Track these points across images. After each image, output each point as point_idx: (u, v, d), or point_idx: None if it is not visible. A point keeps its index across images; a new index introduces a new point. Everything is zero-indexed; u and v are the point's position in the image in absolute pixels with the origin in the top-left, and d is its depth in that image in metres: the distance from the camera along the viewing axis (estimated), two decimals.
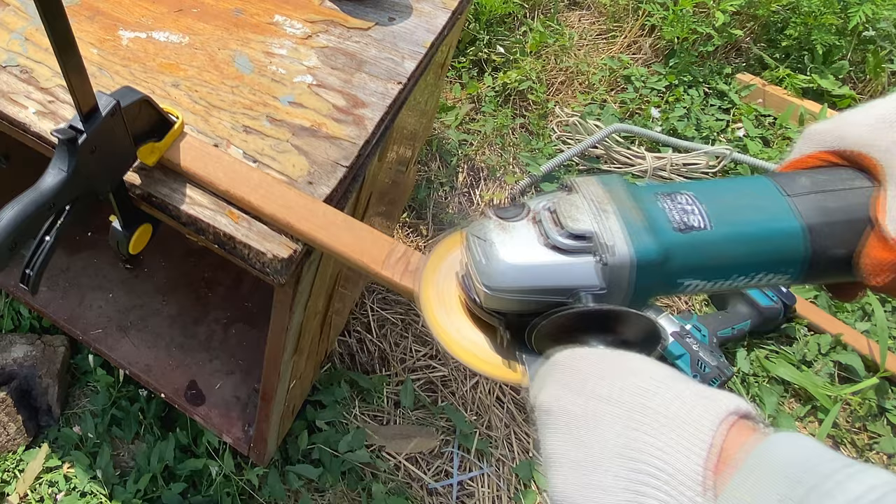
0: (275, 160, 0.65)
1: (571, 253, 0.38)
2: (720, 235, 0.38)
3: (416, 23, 0.83)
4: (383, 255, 0.54)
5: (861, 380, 1.28)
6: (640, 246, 0.37)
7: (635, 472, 0.30)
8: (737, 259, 0.39)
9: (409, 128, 0.99)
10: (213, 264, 1.17)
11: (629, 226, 0.37)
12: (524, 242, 0.39)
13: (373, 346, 1.31)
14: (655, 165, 1.58)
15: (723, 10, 1.75)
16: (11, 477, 1.13)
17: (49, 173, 0.52)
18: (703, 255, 0.38)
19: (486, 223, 0.41)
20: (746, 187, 0.40)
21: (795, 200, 0.39)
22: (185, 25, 0.79)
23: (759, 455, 0.29)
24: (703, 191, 0.40)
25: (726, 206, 0.39)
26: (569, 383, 0.35)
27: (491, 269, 0.39)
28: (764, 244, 0.38)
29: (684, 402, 0.31)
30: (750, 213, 0.39)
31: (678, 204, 0.39)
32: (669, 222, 0.38)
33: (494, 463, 1.19)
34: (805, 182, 0.39)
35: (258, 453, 0.99)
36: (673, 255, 0.37)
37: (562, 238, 0.38)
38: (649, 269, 0.37)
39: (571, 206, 0.39)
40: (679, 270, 0.38)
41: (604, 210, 0.38)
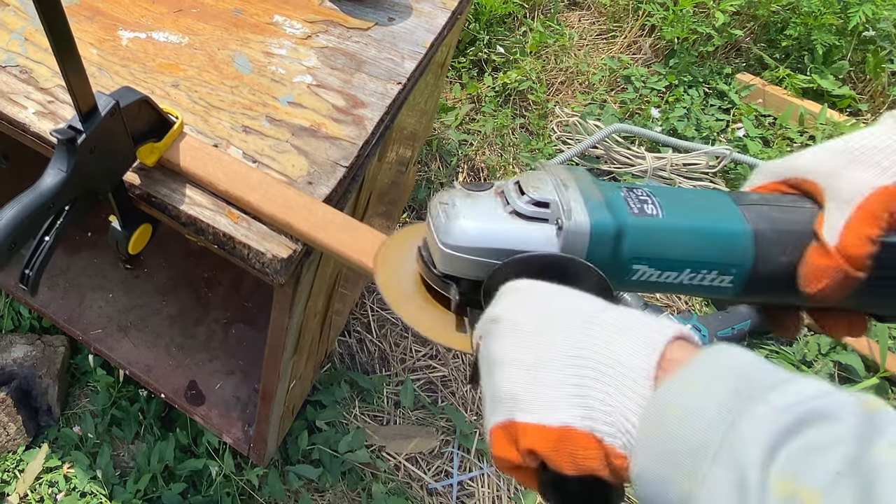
0: (274, 160, 0.65)
1: (531, 219, 0.39)
2: (672, 224, 0.40)
3: (416, 23, 0.83)
4: None
5: (861, 380, 1.28)
6: (597, 217, 0.38)
7: (582, 367, 0.31)
8: (686, 251, 0.40)
9: (408, 128, 0.99)
10: (213, 264, 1.17)
11: (588, 200, 0.39)
12: (486, 208, 0.41)
13: (373, 346, 1.31)
14: (655, 165, 1.58)
15: (723, 10, 1.75)
16: (11, 477, 1.13)
17: (48, 173, 0.52)
18: (655, 240, 0.40)
19: (451, 191, 0.43)
20: (701, 193, 0.43)
21: (744, 208, 0.41)
22: (185, 25, 0.79)
23: (702, 358, 0.30)
24: (661, 189, 0.42)
25: (680, 202, 0.41)
26: (520, 298, 0.36)
27: (451, 227, 0.40)
28: (713, 239, 0.40)
29: (634, 317, 0.33)
30: (702, 211, 0.41)
31: (635, 194, 0.41)
32: (626, 205, 0.40)
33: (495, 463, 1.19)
34: (755, 197, 0.42)
35: (258, 453, 0.99)
36: (626, 235, 0.39)
37: (522, 203, 0.40)
38: (603, 242, 0.39)
39: (535, 178, 0.41)
40: (631, 253, 0.40)
41: (565, 184, 0.40)
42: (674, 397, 0.29)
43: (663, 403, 0.29)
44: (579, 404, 0.31)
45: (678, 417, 0.28)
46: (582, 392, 0.31)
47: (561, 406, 0.31)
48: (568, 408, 0.31)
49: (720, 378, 0.28)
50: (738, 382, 0.28)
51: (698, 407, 0.28)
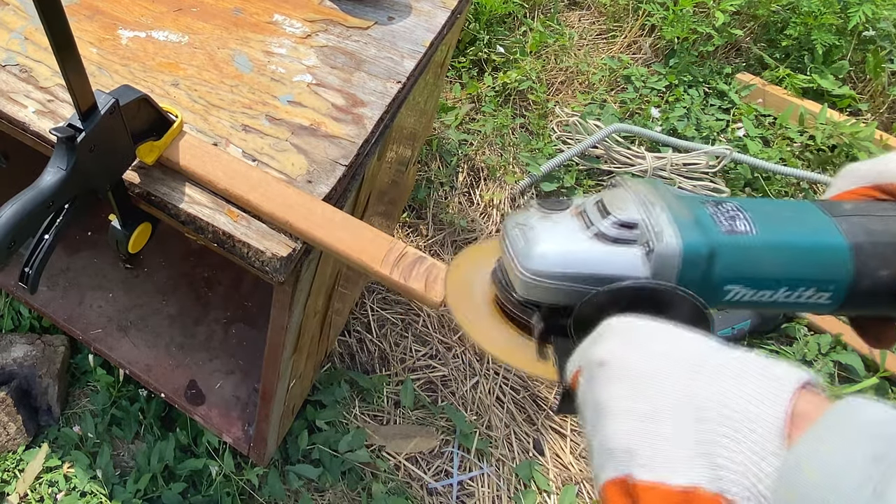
0: (274, 159, 0.65)
1: (617, 242, 0.37)
2: (766, 241, 0.37)
3: (416, 22, 0.83)
4: (382, 254, 0.54)
5: (861, 380, 1.28)
6: (688, 238, 0.36)
7: (705, 420, 0.28)
8: (782, 268, 0.38)
9: (408, 127, 0.99)
10: (213, 264, 1.17)
11: (677, 219, 0.36)
12: (567, 230, 0.38)
13: (373, 346, 1.31)
14: (655, 165, 1.58)
15: (723, 10, 1.75)
16: (11, 477, 1.13)
17: (48, 172, 0.52)
18: (749, 259, 0.37)
19: (528, 212, 0.40)
20: (791, 204, 0.40)
21: (838, 220, 0.38)
22: (185, 24, 0.79)
23: (837, 414, 0.27)
24: (748, 203, 0.39)
25: (771, 217, 0.38)
26: (625, 340, 0.33)
27: (532, 252, 0.38)
28: (810, 255, 0.38)
29: (754, 362, 0.30)
30: (795, 226, 0.38)
31: (723, 209, 0.38)
32: (716, 224, 0.37)
33: (494, 463, 1.19)
34: (847, 206, 0.39)
35: (258, 453, 0.99)
36: (719, 255, 0.37)
37: (607, 225, 0.37)
38: (695, 264, 0.36)
39: (618, 198, 0.38)
40: (724, 273, 0.37)
41: (651, 203, 0.37)
42: (810, 462, 0.26)
43: (799, 468, 0.26)
44: (706, 463, 0.28)
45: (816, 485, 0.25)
46: (707, 449, 0.28)
47: (685, 464, 0.28)
48: (694, 466, 0.28)
49: (859, 440, 0.26)
50: (879, 445, 0.25)
51: (838, 474, 0.25)
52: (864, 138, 1.56)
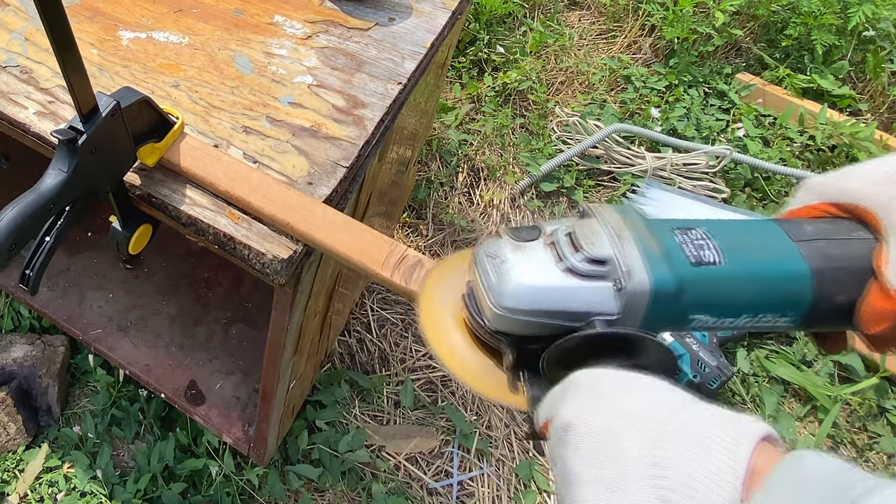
0: (275, 161, 0.65)
1: (587, 277, 0.37)
2: (732, 272, 0.38)
3: (416, 23, 0.83)
4: (383, 256, 0.54)
5: (861, 380, 1.28)
6: (658, 274, 0.37)
7: (665, 489, 0.30)
8: (746, 297, 0.39)
9: (409, 128, 0.99)
10: (213, 264, 1.17)
11: (647, 253, 0.37)
12: (539, 264, 0.38)
13: (373, 346, 1.31)
14: (655, 165, 1.58)
15: (723, 10, 1.75)
16: (11, 477, 1.13)
17: (49, 174, 0.52)
18: (715, 290, 0.38)
19: (499, 242, 0.40)
20: (756, 228, 0.41)
21: (801, 245, 0.39)
22: (185, 26, 0.79)
23: (786, 469, 0.28)
24: (715, 228, 0.40)
25: (738, 244, 0.39)
26: (590, 400, 0.34)
27: (503, 288, 0.38)
28: (773, 284, 0.38)
29: (715, 423, 0.31)
30: (760, 254, 0.39)
31: (690, 237, 0.39)
32: (685, 255, 0.38)
33: (494, 463, 1.19)
34: (809, 229, 0.40)
35: (258, 453, 1.00)
36: (687, 288, 0.37)
37: (579, 262, 0.37)
38: (664, 299, 0.37)
39: (589, 231, 0.38)
40: (691, 304, 0.38)
41: (621, 237, 0.38)
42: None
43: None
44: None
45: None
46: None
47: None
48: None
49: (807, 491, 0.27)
50: (825, 493, 0.27)
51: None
52: (864, 138, 1.56)
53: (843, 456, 1.24)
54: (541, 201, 1.57)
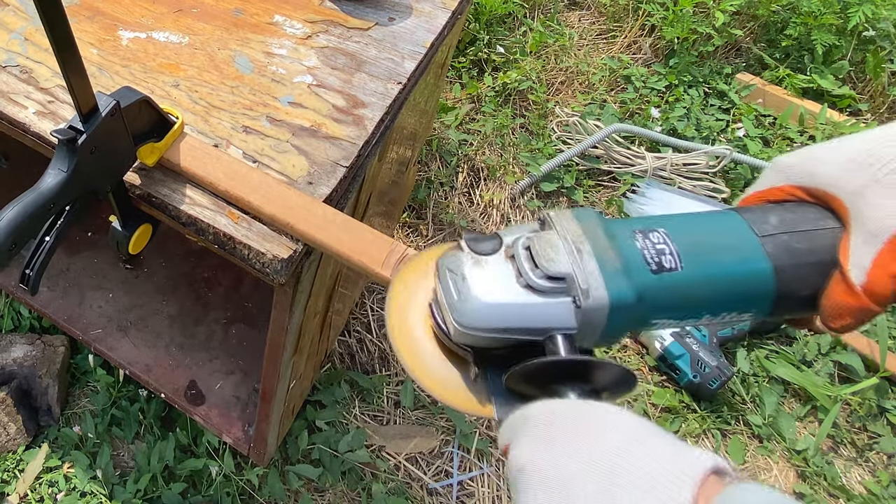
0: (274, 160, 0.65)
1: (546, 293, 0.38)
2: (692, 276, 0.38)
3: (416, 23, 0.83)
4: (383, 256, 0.54)
5: (861, 380, 1.28)
6: (616, 289, 0.37)
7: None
8: (707, 299, 0.39)
9: (409, 128, 0.99)
10: (213, 264, 1.17)
11: (604, 267, 0.37)
12: (499, 280, 0.39)
13: (373, 346, 1.31)
14: (655, 165, 1.58)
15: (723, 10, 1.75)
16: (11, 477, 1.13)
17: (49, 174, 0.52)
18: (675, 295, 0.38)
19: (459, 256, 0.40)
20: (719, 225, 0.40)
21: (765, 241, 0.39)
22: (185, 25, 0.79)
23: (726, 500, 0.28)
24: (677, 227, 0.40)
25: (699, 246, 0.39)
26: (542, 440, 0.34)
27: (464, 307, 0.39)
28: (734, 285, 0.39)
29: (660, 462, 0.31)
30: (722, 254, 0.39)
31: (652, 243, 0.39)
32: (644, 262, 0.38)
33: (494, 463, 1.19)
34: (774, 221, 0.40)
35: (258, 453, 0.99)
36: (647, 296, 0.38)
37: (537, 279, 0.38)
38: (623, 311, 0.37)
39: (547, 246, 0.38)
40: (651, 310, 0.38)
41: (579, 250, 0.38)
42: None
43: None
44: None
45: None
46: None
47: None
48: None
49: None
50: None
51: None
52: None
53: (843, 456, 1.24)
54: (541, 201, 1.57)
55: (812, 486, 1.19)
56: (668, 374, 1.29)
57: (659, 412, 1.25)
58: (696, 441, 1.23)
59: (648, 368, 1.32)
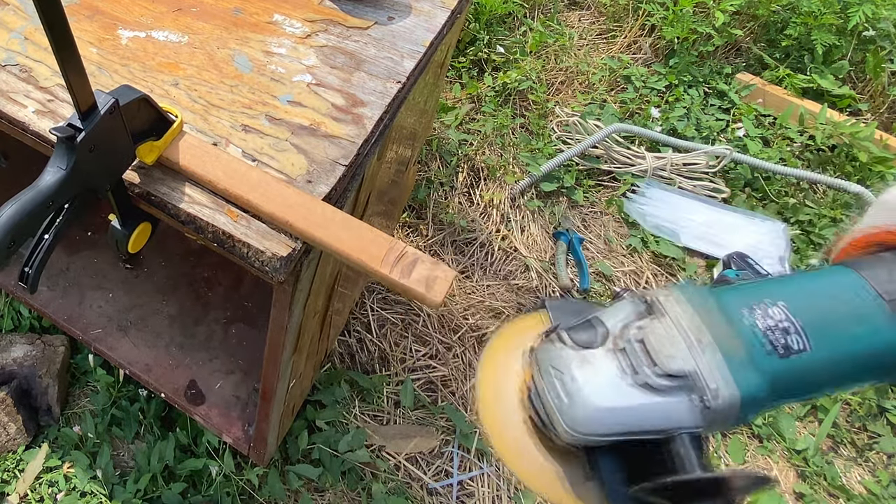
0: (274, 159, 0.65)
1: (666, 392, 0.35)
2: (823, 357, 0.35)
3: (416, 22, 0.83)
4: (382, 254, 0.54)
5: None
6: (745, 383, 0.34)
7: None
8: (839, 377, 0.36)
9: (408, 127, 0.99)
10: (213, 264, 1.17)
11: (730, 361, 0.34)
12: (610, 380, 0.36)
13: (373, 346, 1.31)
14: (655, 165, 1.58)
15: (723, 10, 1.75)
16: (11, 477, 1.13)
17: (48, 171, 0.52)
18: (806, 378, 0.36)
19: (562, 353, 0.37)
20: (840, 289, 0.37)
21: (894, 304, 0.36)
22: (185, 24, 0.79)
23: None
24: (796, 298, 0.37)
25: (824, 320, 0.36)
26: None
27: (576, 413, 0.36)
28: (867, 359, 0.36)
29: None
30: (851, 326, 0.36)
31: (774, 321, 0.36)
32: (771, 347, 0.35)
33: (494, 463, 1.19)
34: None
35: (258, 453, 0.99)
36: (776, 384, 0.35)
37: (658, 378, 0.35)
38: (754, 405, 0.35)
39: (665, 339, 0.35)
40: (780, 395, 0.36)
41: (700, 341, 0.35)
42: None
43: None
44: None
45: None
46: None
47: None
48: None
49: None
50: None
51: None
52: (864, 138, 1.56)
53: (843, 456, 1.23)
54: (541, 201, 1.57)
55: (812, 486, 1.18)
56: None
57: None
58: None
59: None
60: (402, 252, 0.54)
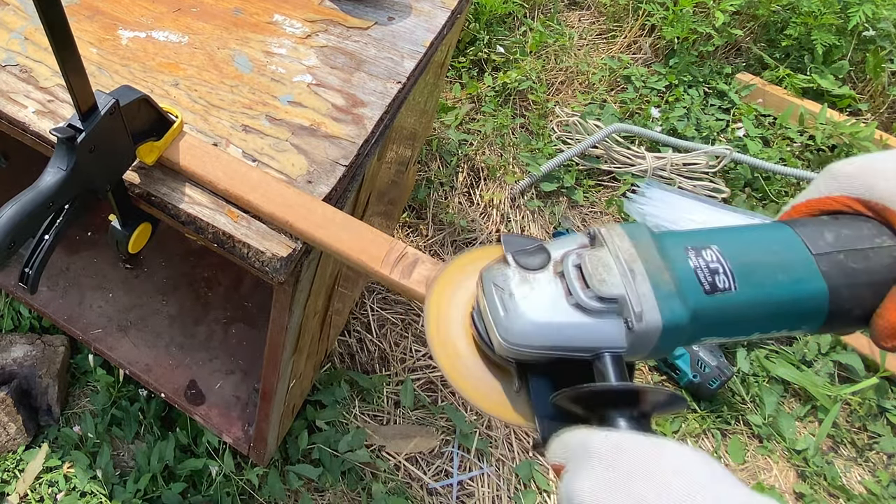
0: (274, 159, 0.65)
1: (597, 313, 0.37)
2: (746, 297, 0.37)
3: (416, 22, 0.83)
4: (382, 254, 0.54)
5: (861, 380, 1.28)
6: (669, 312, 0.36)
7: None
8: (759, 318, 0.38)
9: (408, 127, 0.99)
10: (213, 264, 1.17)
11: (658, 289, 0.36)
12: (548, 299, 0.38)
13: (373, 346, 1.31)
14: (655, 165, 1.58)
15: (723, 10, 1.75)
16: (11, 477, 1.13)
17: (48, 172, 0.52)
18: (728, 315, 0.38)
19: (506, 271, 0.40)
20: (772, 241, 0.39)
21: (820, 259, 0.38)
22: (185, 25, 0.79)
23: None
24: (730, 244, 0.39)
25: (753, 265, 0.38)
26: (605, 483, 0.33)
27: (511, 324, 0.38)
28: (788, 305, 0.38)
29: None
30: (776, 273, 0.38)
31: (706, 261, 0.38)
32: (698, 282, 0.37)
33: (494, 463, 1.19)
34: (830, 238, 0.39)
35: (258, 453, 0.99)
36: (699, 317, 0.37)
37: (589, 300, 0.37)
38: (675, 331, 0.37)
39: (600, 265, 0.37)
40: (702, 329, 0.38)
41: (632, 270, 0.37)
42: None
43: None
44: None
45: None
46: None
47: None
48: None
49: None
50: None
51: None
52: (864, 138, 1.56)
53: (843, 456, 1.23)
54: (541, 201, 1.57)
55: (812, 486, 1.18)
56: (668, 373, 1.29)
57: None
58: (695, 441, 1.23)
59: (648, 368, 1.32)
60: (402, 252, 0.54)
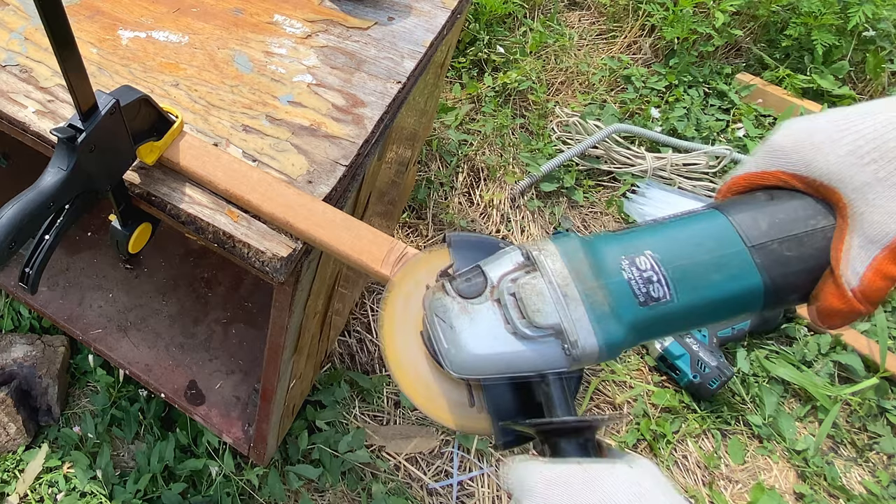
0: (274, 159, 0.65)
1: (536, 340, 0.38)
2: (681, 304, 0.38)
3: (416, 22, 0.83)
4: (382, 254, 0.54)
5: (861, 380, 1.28)
6: (605, 333, 0.37)
7: None
8: (697, 318, 0.39)
9: (408, 127, 0.99)
10: (213, 264, 1.17)
11: (593, 311, 0.37)
12: (487, 329, 0.39)
13: (373, 346, 1.31)
14: (655, 165, 1.58)
15: (723, 10, 1.75)
16: (11, 477, 1.13)
17: (48, 172, 0.52)
18: (667, 323, 0.39)
19: (446, 303, 0.40)
20: (707, 236, 0.39)
21: (755, 251, 0.38)
22: (185, 25, 0.79)
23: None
24: (664, 247, 0.39)
25: (688, 267, 0.38)
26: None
27: (455, 357, 0.39)
28: (724, 303, 0.38)
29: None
30: (712, 274, 0.38)
31: (639, 270, 0.38)
32: (633, 296, 0.38)
33: (494, 463, 1.19)
34: (764, 227, 0.38)
35: (258, 453, 0.99)
36: (637, 328, 0.38)
37: (526, 329, 0.38)
38: (615, 348, 0.38)
39: (534, 295, 0.38)
40: (642, 337, 0.39)
41: (566, 295, 0.38)
42: None
43: None
44: None
45: None
46: None
47: None
48: None
49: None
50: None
51: None
52: None
53: (843, 456, 1.23)
54: (541, 201, 1.57)
55: (812, 486, 1.18)
56: (668, 374, 1.29)
57: (659, 412, 1.25)
58: (696, 441, 1.23)
59: (648, 368, 1.32)
60: (402, 253, 0.54)
